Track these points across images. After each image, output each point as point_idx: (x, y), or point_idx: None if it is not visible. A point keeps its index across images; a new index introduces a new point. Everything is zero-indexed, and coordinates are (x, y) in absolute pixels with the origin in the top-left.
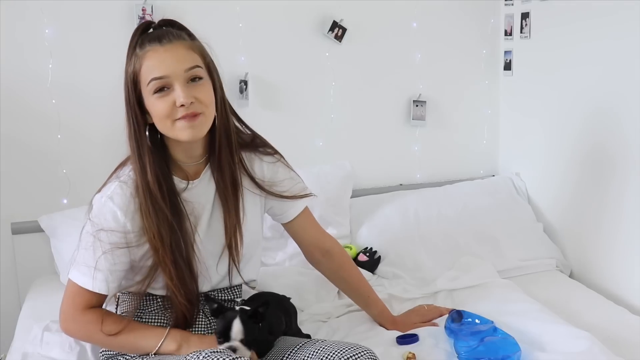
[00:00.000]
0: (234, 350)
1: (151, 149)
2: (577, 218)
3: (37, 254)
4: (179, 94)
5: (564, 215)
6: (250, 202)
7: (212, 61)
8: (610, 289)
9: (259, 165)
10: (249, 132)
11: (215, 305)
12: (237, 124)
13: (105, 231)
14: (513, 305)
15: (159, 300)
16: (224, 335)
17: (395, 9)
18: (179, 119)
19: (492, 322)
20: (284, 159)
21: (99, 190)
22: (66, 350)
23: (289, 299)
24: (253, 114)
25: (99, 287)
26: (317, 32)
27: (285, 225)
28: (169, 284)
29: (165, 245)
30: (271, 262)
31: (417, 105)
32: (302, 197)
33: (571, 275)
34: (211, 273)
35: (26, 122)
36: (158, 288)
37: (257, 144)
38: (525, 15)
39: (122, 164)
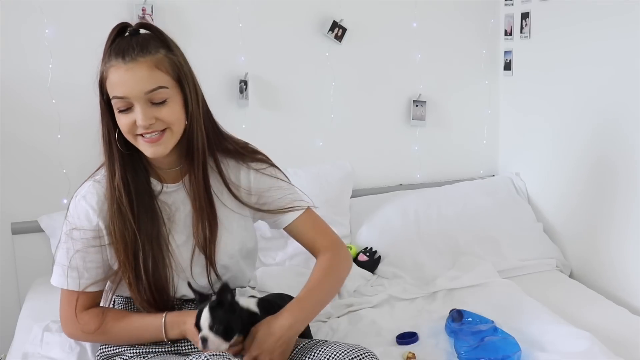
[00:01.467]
0: (205, 340)
1: (122, 152)
2: (577, 218)
3: (37, 254)
4: (138, 115)
5: (563, 215)
6: (229, 212)
7: (187, 73)
8: (610, 289)
9: (246, 174)
10: (236, 141)
11: (198, 296)
12: (220, 132)
13: (78, 230)
14: (513, 305)
15: None
16: (197, 325)
17: (395, 9)
18: (141, 134)
19: (492, 322)
20: (276, 167)
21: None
22: (66, 351)
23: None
24: (253, 114)
25: (72, 285)
26: (317, 32)
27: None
28: (128, 289)
29: (128, 250)
30: (271, 262)
31: (417, 105)
32: (286, 211)
33: (571, 275)
34: (191, 282)
35: (26, 122)
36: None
37: (246, 152)
38: (525, 15)
39: (101, 166)
